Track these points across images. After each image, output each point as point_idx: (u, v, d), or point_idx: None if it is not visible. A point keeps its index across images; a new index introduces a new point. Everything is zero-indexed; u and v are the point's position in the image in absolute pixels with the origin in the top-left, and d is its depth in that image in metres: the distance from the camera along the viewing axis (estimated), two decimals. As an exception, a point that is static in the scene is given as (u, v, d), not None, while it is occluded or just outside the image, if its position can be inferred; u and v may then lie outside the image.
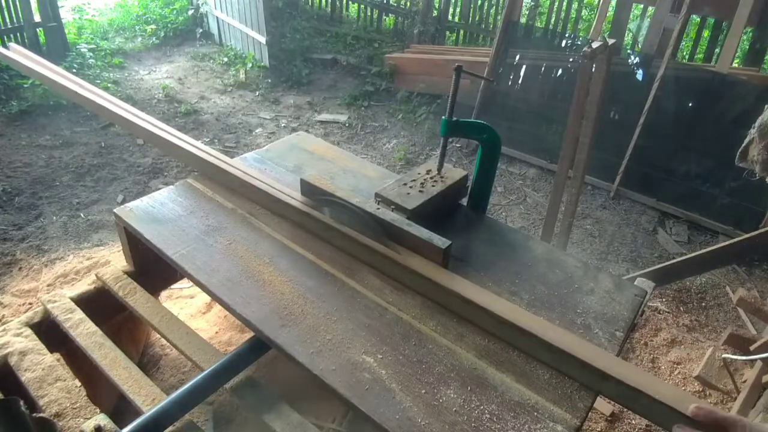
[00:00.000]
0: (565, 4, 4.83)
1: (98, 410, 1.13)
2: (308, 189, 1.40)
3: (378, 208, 1.31)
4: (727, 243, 2.34)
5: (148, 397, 1.12)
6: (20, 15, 4.45)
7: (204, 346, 1.25)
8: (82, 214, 2.92)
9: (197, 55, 5.37)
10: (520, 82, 4.02)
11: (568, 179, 2.34)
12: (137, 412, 1.08)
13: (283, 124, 4.28)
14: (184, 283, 2.12)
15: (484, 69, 3.90)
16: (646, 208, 3.52)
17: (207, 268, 1.26)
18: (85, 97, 1.78)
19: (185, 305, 2.16)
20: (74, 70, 4.30)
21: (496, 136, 1.45)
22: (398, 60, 4.84)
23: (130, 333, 1.74)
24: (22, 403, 0.95)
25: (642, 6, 4.30)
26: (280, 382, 1.64)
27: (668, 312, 2.59)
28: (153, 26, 5.69)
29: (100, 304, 1.44)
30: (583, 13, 5.79)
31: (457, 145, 4.12)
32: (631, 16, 4.46)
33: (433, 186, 1.47)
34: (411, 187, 1.45)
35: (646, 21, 4.31)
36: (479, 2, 5.47)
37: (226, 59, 5.29)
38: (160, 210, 1.45)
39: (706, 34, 4.51)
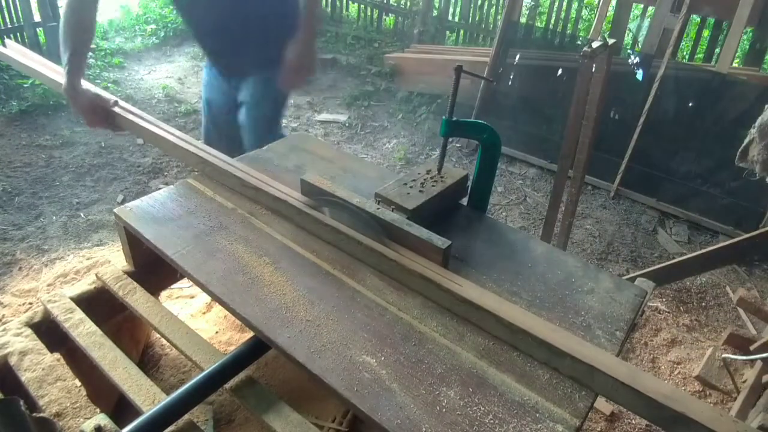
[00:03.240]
0: (565, 4, 4.83)
1: (98, 410, 1.13)
2: (308, 189, 1.40)
3: (378, 208, 1.31)
4: (727, 243, 2.34)
5: (148, 397, 1.12)
6: (20, 14, 4.45)
7: (204, 346, 1.25)
8: (82, 214, 2.92)
9: (197, 55, 5.37)
10: (520, 82, 4.02)
11: (568, 179, 2.34)
12: (137, 412, 1.08)
13: (282, 124, 4.28)
14: (184, 283, 2.12)
15: (484, 69, 3.90)
16: (646, 208, 3.52)
17: (207, 268, 1.26)
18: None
19: (185, 305, 2.16)
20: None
21: (496, 136, 1.45)
22: (398, 60, 4.84)
23: (130, 333, 1.74)
24: (22, 403, 0.95)
25: (642, 6, 4.30)
26: (280, 382, 1.65)
27: (668, 312, 2.59)
28: (153, 26, 5.69)
29: (100, 304, 1.44)
30: (583, 13, 5.79)
31: (457, 145, 4.12)
32: (631, 16, 4.46)
33: (433, 186, 1.47)
34: (411, 187, 1.45)
35: (646, 21, 4.31)
36: (479, 2, 5.46)
37: (226, 59, 5.29)
38: (160, 210, 1.45)
39: (706, 34, 4.51)
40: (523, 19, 4.56)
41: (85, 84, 1.69)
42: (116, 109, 1.66)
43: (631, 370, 1.00)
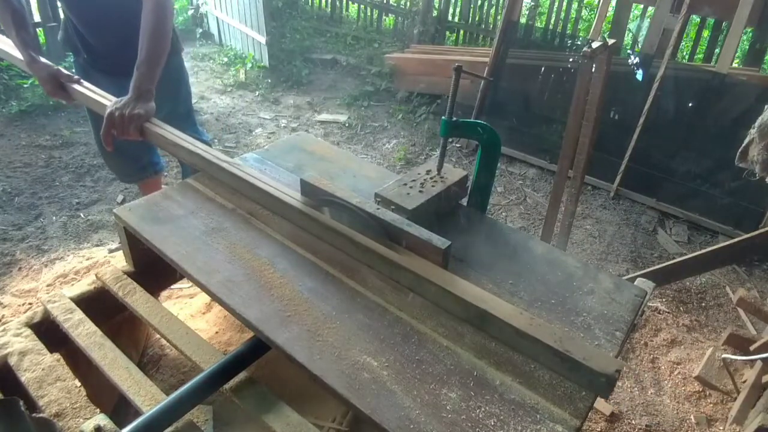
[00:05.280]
0: (565, 4, 4.83)
1: (98, 410, 1.13)
2: (308, 189, 1.40)
3: (378, 208, 1.31)
4: (727, 243, 2.34)
5: (148, 397, 1.12)
6: (20, 15, 4.44)
7: (204, 346, 1.25)
8: (82, 214, 2.92)
9: (197, 55, 5.37)
10: (520, 82, 4.02)
11: (568, 179, 2.34)
12: (137, 413, 1.08)
13: (282, 124, 4.28)
14: (184, 283, 2.12)
15: (484, 69, 3.90)
16: (646, 208, 3.52)
17: (207, 269, 1.26)
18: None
19: (185, 305, 2.16)
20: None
21: (496, 136, 1.45)
22: (398, 60, 4.84)
23: (130, 333, 1.74)
24: (21, 403, 0.94)
25: (642, 6, 4.30)
26: (280, 382, 1.64)
27: (668, 312, 2.59)
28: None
29: (100, 304, 1.44)
30: (583, 13, 5.80)
31: (457, 145, 4.12)
32: (631, 16, 4.46)
33: (433, 186, 1.46)
34: (411, 187, 1.45)
35: (646, 21, 4.31)
36: (479, 2, 5.47)
37: (226, 59, 5.30)
38: (160, 210, 1.45)
39: (706, 34, 4.51)
40: (523, 19, 4.56)
41: (48, 61, 1.84)
42: (76, 87, 1.79)
43: (452, 279, 1.16)
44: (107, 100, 1.66)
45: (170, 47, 1.89)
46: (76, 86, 1.79)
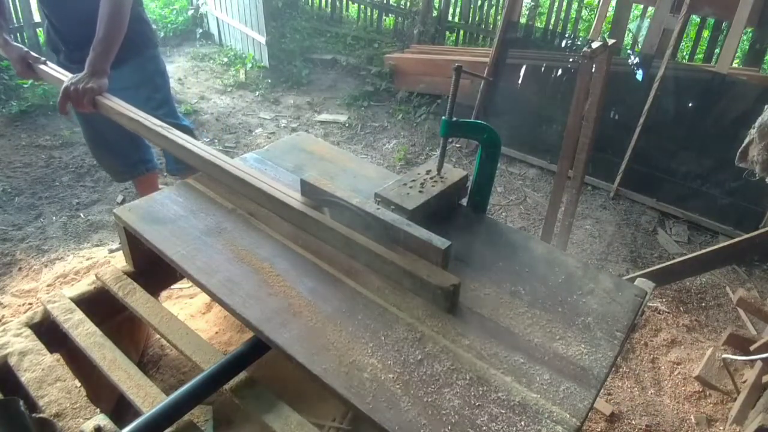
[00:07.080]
0: (565, 4, 4.82)
1: (98, 410, 1.13)
2: (308, 189, 1.40)
3: (378, 209, 1.31)
4: (727, 243, 2.34)
5: (147, 398, 1.12)
6: (20, 15, 4.45)
7: (204, 346, 1.25)
8: (82, 214, 2.92)
9: (197, 55, 5.37)
10: (520, 82, 4.02)
11: (568, 179, 2.34)
12: (137, 413, 1.08)
13: (282, 125, 4.28)
14: (184, 283, 2.12)
15: (484, 69, 3.90)
16: (646, 208, 3.52)
17: (207, 269, 1.26)
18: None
19: (185, 305, 2.16)
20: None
21: (496, 136, 1.45)
22: (398, 60, 4.84)
23: (130, 333, 1.74)
24: (21, 403, 0.95)
25: (642, 6, 4.30)
26: (280, 382, 1.65)
27: (668, 312, 2.59)
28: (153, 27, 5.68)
29: (99, 304, 1.44)
30: (583, 13, 5.79)
31: (457, 145, 4.12)
32: (631, 16, 4.45)
33: (433, 186, 1.46)
34: (411, 187, 1.45)
35: (646, 21, 4.31)
36: (479, 2, 5.46)
37: (226, 59, 5.30)
38: (160, 210, 1.45)
39: (706, 34, 4.51)
40: (522, 20, 4.56)
41: (19, 45, 1.99)
42: (42, 66, 1.93)
43: (334, 223, 1.31)
44: (65, 76, 1.81)
45: (149, 40, 2.13)
46: (42, 66, 1.94)
